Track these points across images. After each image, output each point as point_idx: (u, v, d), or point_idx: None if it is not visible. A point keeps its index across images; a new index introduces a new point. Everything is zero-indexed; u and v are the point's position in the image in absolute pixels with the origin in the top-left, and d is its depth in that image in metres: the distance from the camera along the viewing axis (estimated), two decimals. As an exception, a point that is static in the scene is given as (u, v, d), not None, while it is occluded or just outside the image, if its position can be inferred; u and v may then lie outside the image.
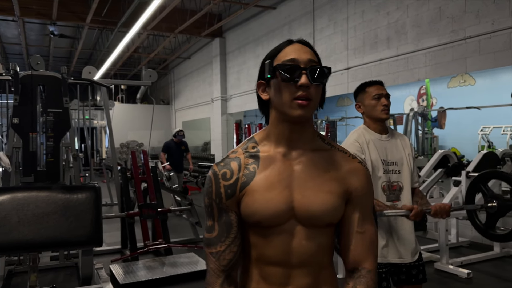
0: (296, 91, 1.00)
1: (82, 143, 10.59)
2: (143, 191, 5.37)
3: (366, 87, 2.19)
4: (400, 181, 2.13)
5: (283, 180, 1.04)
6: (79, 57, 15.40)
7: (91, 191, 2.40)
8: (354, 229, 1.08)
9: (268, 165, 1.05)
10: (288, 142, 1.06)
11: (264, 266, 1.06)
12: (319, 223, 1.04)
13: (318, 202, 1.03)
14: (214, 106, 12.90)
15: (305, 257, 1.04)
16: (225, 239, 1.05)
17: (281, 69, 1.01)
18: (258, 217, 1.02)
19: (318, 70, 1.02)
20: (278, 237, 1.03)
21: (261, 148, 1.08)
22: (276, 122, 1.07)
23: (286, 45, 1.08)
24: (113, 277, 3.94)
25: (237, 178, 1.05)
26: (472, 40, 5.42)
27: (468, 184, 4.59)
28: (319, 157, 1.07)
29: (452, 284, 3.96)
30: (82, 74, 5.04)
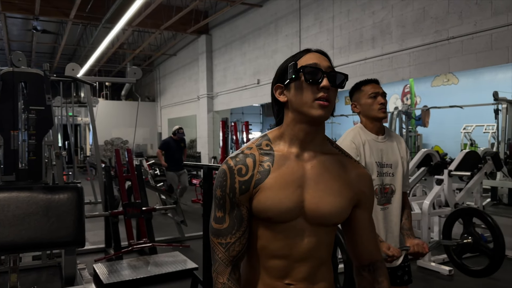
0: (318, 92, 1.07)
1: (66, 141, 10.45)
2: (128, 190, 5.33)
3: (361, 86, 2.12)
4: (393, 184, 2.09)
5: (296, 180, 1.09)
6: (63, 53, 15.17)
7: (73, 191, 2.37)
8: (368, 229, 1.18)
9: (282, 164, 1.10)
10: (301, 144, 1.12)
11: (266, 258, 1.11)
12: (325, 223, 1.11)
13: (327, 204, 1.09)
14: (200, 104, 12.85)
15: (307, 252, 1.10)
16: (235, 231, 1.10)
17: (306, 70, 1.08)
18: (270, 214, 1.07)
19: (336, 76, 1.10)
20: (283, 232, 1.09)
21: (274, 147, 1.13)
22: (293, 124, 1.12)
23: (306, 53, 1.14)
24: (96, 277, 3.91)
25: (252, 175, 1.09)
26: (455, 41, 5.50)
27: (449, 184, 4.67)
28: (329, 160, 1.14)
29: (434, 281, 4.03)
30: (65, 71, 4.97)
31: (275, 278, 1.11)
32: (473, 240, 2.39)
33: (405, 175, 2.15)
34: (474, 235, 2.41)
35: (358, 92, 2.13)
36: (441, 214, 4.85)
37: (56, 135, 4.62)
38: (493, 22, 5.04)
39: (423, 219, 4.50)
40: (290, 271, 1.10)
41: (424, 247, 2.04)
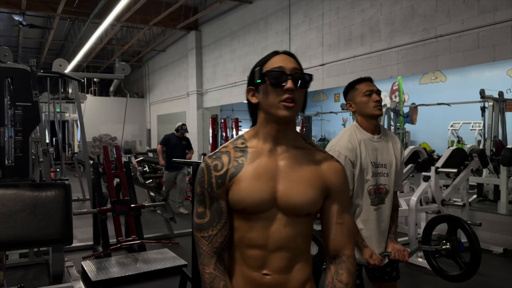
0: (283, 94, 1.13)
1: (53, 137, 10.34)
2: (116, 187, 5.30)
3: (355, 85, 2.11)
4: (387, 184, 2.08)
5: (268, 172, 1.15)
6: (50, 48, 14.98)
7: (61, 189, 2.35)
8: (334, 220, 1.22)
9: (255, 158, 1.17)
10: (274, 140, 1.19)
11: (245, 248, 1.16)
12: (298, 212, 1.15)
13: (299, 193, 1.14)
14: (189, 100, 12.80)
15: (282, 242, 1.15)
16: (216, 224, 1.16)
17: (270, 75, 1.15)
18: (244, 204, 1.13)
19: (301, 76, 1.16)
20: (259, 222, 1.14)
21: (249, 144, 1.20)
22: (265, 123, 1.19)
23: (273, 55, 1.20)
24: (85, 274, 3.88)
25: (227, 170, 1.16)
26: (443, 39, 5.55)
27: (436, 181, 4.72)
28: (301, 154, 1.20)
29: (421, 277, 4.08)
30: (53, 67, 4.91)
31: (252, 269, 1.16)
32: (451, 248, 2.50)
33: (398, 175, 2.14)
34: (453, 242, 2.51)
35: (352, 91, 2.12)
36: (428, 210, 4.91)
37: (43, 132, 4.57)
38: (480, 21, 5.10)
39: (410, 215, 4.55)
40: (267, 262, 1.15)
41: (405, 254, 2.06)
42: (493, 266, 4.39)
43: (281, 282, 1.16)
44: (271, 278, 1.15)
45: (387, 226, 2.13)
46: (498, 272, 4.20)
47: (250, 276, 1.16)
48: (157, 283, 3.89)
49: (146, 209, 5.83)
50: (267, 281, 1.15)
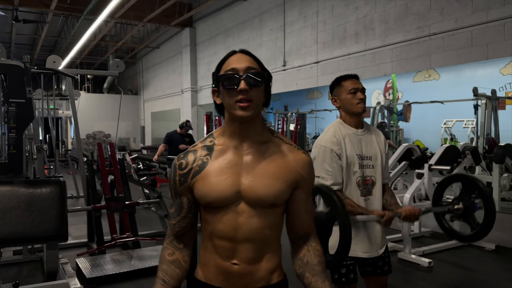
0: (237, 95, 1.17)
1: (47, 134, 10.28)
2: (110, 184, 5.28)
3: (342, 81, 2.16)
4: (373, 175, 2.15)
5: (233, 167, 1.21)
6: (43, 45, 14.88)
7: (56, 186, 2.34)
8: (303, 208, 1.29)
9: (220, 155, 1.23)
10: (240, 137, 1.23)
11: (216, 239, 1.23)
12: (263, 204, 1.20)
13: (262, 186, 1.19)
14: (184, 97, 12.77)
15: (250, 233, 1.20)
16: (177, 216, 1.28)
17: (223, 79, 1.20)
18: (208, 199, 1.20)
19: (255, 75, 1.19)
20: (226, 215, 1.20)
21: (217, 142, 1.26)
22: (230, 121, 1.24)
23: (229, 56, 1.24)
24: (79, 271, 3.87)
25: (190, 168, 1.24)
26: (437, 37, 5.58)
27: (429, 178, 4.76)
28: (267, 148, 1.25)
29: (414, 273, 4.12)
30: (47, 63, 4.89)
31: (223, 259, 1.22)
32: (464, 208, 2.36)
33: (384, 167, 2.21)
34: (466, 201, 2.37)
35: (338, 87, 2.17)
36: (421, 207, 4.93)
37: (37, 128, 4.55)
38: (473, 19, 5.13)
39: (404, 212, 4.57)
40: (236, 252, 1.21)
41: (415, 211, 2.09)
42: (486, 262, 4.44)
43: (249, 271, 1.22)
44: (239, 267, 1.21)
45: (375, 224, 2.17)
46: (490, 268, 4.25)
47: (221, 265, 1.23)
48: (152, 280, 3.84)
49: (141, 206, 5.81)
50: (235, 270, 1.21)
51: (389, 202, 2.20)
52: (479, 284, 3.85)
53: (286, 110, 13.13)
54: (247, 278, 1.23)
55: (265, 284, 1.25)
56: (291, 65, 8.43)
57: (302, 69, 8.10)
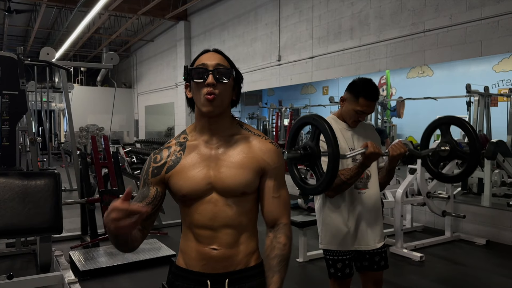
0: (205, 89, 1.25)
1: (40, 127, 10.21)
2: (104, 177, 5.27)
3: (360, 97, 2.10)
4: (368, 169, 2.14)
5: (203, 161, 1.30)
6: (36, 37, 14.73)
7: (51, 178, 2.34)
8: (271, 195, 1.35)
9: (192, 150, 1.32)
10: (209, 131, 1.32)
11: (195, 229, 1.31)
12: (234, 193, 1.28)
13: (232, 176, 1.27)
14: (178, 91, 12.73)
15: (226, 220, 1.29)
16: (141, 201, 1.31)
17: (193, 71, 1.28)
18: (183, 192, 1.28)
19: (222, 71, 1.27)
20: (202, 206, 1.29)
21: (189, 138, 1.35)
22: (199, 116, 1.33)
23: (202, 54, 1.33)
24: (73, 264, 3.88)
25: (164, 162, 1.33)
26: (431, 33, 5.61)
27: (421, 174, 4.79)
28: (236, 140, 1.33)
29: (405, 267, 4.16)
30: (40, 55, 4.85)
31: (203, 245, 1.30)
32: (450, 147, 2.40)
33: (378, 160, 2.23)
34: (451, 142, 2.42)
35: (353, 97, 2.13)
36: (413, 202, 5.00)
37: (30, 121, 4.52)
38: (467, 16, 5.16)
39: (396, 207, 4.63)
40: (215, 239, 1.29)
41: (402, 145, 2.09)
42: (476, 257, 4.50)
43: (228, 255, 1.30)
44: (219, 252, 1.29)
45: (373, 210, 2.19)
46: (481, 263, 4.31)
47: (201, 251, 1.30)
48: (146, 273, 3.90)
49: (134, 199, 5.80)
50: (215, 255, 1.29)
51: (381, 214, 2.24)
52: (469, 278, 3.91)
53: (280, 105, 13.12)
54: (227, 261, 1.30)
55: (243, 266, 1.32)
56: (286, 60, 8.43)
57: (297, 64, 8.10)
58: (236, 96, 1.35)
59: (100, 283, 3.65)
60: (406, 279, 3.89)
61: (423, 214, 5.70)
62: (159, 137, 14.89)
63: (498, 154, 5.39)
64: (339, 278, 2.18)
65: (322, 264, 2.19)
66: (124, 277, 3.80)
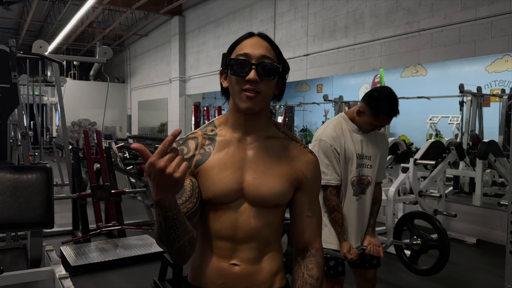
0: (245, 84, 1.07)
1: (32, 121, 10.12)
2: (96, 172, 5.24)
3: (381, 114, 2.04)
4: (370, 175, 2.14)
5: (236, 162, 1.12)
6: (29, 29, 14.58)
7: (42, 172, 2.32)
8: (304, 213, 1.19)
9: (223, 147, 1.13)
10: (244, 129, 1.14)
11: (212, 239, 1.13)
12: (266, 204, 1.12)
13: (267, 185, 1.11)
14: (172, 87, 12.67)
15: (251, 233, 1.12)
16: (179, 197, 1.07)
17: (234, 63, 1.10)
18: (209, 194, 1.10)
19: (268, 67, 1.08)
20: (226, 213, 1.11)
21: (218, 132, 1.16)
22: (234, 110, 1.15)
23: (245, 38, 1.13)
24: (63, 259, 3.86)
25: (193, 155, 1.13)
26: (426, 33, 5.62)
27: (414, 173, 4.82)
28: (272, 144, 1.16)
29: (396, 265, 4.18)
30: (33, 48, 4.80)
31: (221, 259, 1.12)
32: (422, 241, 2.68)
33: (381, 167, 2.21)
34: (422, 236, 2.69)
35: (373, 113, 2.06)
36: (405, 201, 5.03)
37: (22, 114, 4.48)
38: (461, 16, 5.18)
39: (388, 206, 4.65)
40: (236, 252, 1.12)
41: (380, 250, 2.13)
42: (467, 256, 4.54)
43: (250, 272, 1.13)
44: (240, 268, 1.12)
45: (367, 217, 2.20)
46: (471, 262, 4.35)
47: (219, 266, 1.13)
48: (138, 269, 3.89)
49: (127, 195, 5.79)
50: (236, 272, 1.12)
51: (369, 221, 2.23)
52: (460, 277, 3.94)
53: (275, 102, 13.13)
54: (248, 280, 1.13)
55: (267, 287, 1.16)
56: (280, 57, 8.42)
57: (291, 62, 8.09)
58: (279, 90, 1.17)
59: (91, 279, 3.63)
60: (397, 277, 3.91)
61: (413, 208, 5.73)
62: (152, 132, 14.83)
63: (490, 154, 5.44)
64: (332, 276, 2.18)
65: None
66: (115, 273, 3.79)
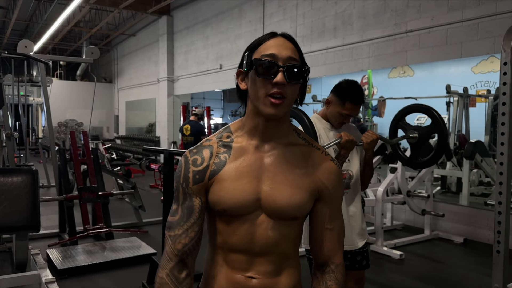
0: (271, 88, 1.00)
1: (17, 121, 9.96)
2: (83, 174, 5.18)
3: (346, 101, 2.11)
4: (349, 169, 2.19)
5: (253, 171, 1.04)
6: (14, 29, 14.35)
7: (28, 174, 2.27)
8: (324, 225, 1.12)
9: (240, 155, 1.06)
10: (262, 135, 1.07)
11: (228, 252, 1.07)
12: (284, 216, 1.05)
13: (285, 196, 1.04)
14: (160, 87, 12.59)
15: (268, 246, 1.05)
16: (184, 223, 1.05)
17: (259, 64, 1.01)
18: (224, 205, 1.03)
19: (296, 69, 1.02)
20: (243, 225, 1.04)
21: (235, 139, 1.09)
22: (252, 114, 1.07)
23: (269, 38, 1.06)
24: (50, 262, 3.80)
25: (207, 165, 1.05)
26: (413, 34, 5.67)
27: (402, 173, 4.85)
28: (292, 152, 1.08)
29: (385, 265, 4.21)
30: (18, 48, 4.72)
31: (236, 271, 1.06)
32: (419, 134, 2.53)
33: (361, 161, 2.24)
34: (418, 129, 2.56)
35: (339, 101, 2.14)
36: (394, 201, 5.06)
37: (6, 115, 4.40)
38: (448, 18, 5.23)
39: (377, 205, 4.67)
40: (252, 265, 1.06)
41: (372, 132, 2.15)
42: (454, 255, 4.58)
43: (268, 285, 1.07)
44: (258, 281, 1.06)
45: (355, 212, 2.21)
46: (459, 261, 4.39)
47: (235, 279, 1.06)
48: (126, 271, 3.85)
49: (114, 197, 5.73)
50: (253, 285, 1.06)
51: None
52: (448, 276, 3.98)
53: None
54: None
55: None
56: (269, 57, 8.41)
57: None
58: (301, 93, 1.09)
59: (79, 282, 3.58)
60: (386, 277, 3.93)
61: (403, 213, 5.78)
62: (140, 133, 14.72)
63: (476, 154, 5.50)
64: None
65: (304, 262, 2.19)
66: (103, 276, 3.74)
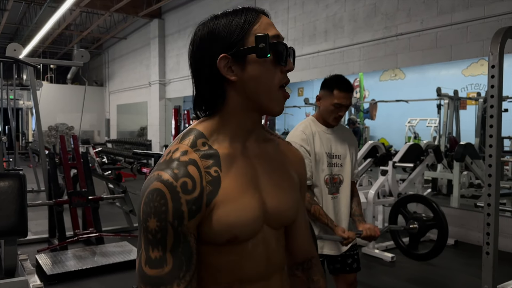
0: (283, 78, 0.83)
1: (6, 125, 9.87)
2: (73, 178, 5.14)
3: (334, 89, 2.10)
4: (341, 174, 2.19)
5: (250, 181, 0.85)
6: (3, 32, 14.23)
7: (15, 179, 2.24)
8: (302, 219, 1.00)
9: (230, 165, 0.82)
10: (245, 136, 0.87)
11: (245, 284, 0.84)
12: (287, 222, 0.92)
13: (285, 200, 0.89)
14: (151, 90, 12.54)
15: (278, 262, 0.90)
16: (184, 274, 0.75)
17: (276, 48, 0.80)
18: (236, 231, 0.79)
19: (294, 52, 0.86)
20: (256, 249, 0.84)
21: (213, 145, 0.83)
22: (242, 112, 0.84)
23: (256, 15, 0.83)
24: (39, 268, 3.75)
25: (201, 189, 0.77)
26: (403, 37, 5.71)
27: (393, 175, 4.87)
28: (270, 148, 0.93)
29: (377, 268, 4.22)
30: (7, 51, 4.68)
31: None
32: (418, 224, 2.55)
33: (353, 166, 2.25)
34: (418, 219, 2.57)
35: (328, 91, 2.14)
36: (385, 203, 5.07)
37: (-5, 119, 4.35)
38: (438, 21, 5.28)
39: (368, 208, 4.68)
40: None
41: (376, 230, 2.15)
42: (445, 257, 4.59)
43: None
44: None
45: (343, 215, 2.23)
46: (450, 263, 4.40)
47: None
48: (116, 276, 3.81)
49: (105, 201, 5.68)
50: None
51: (354, 210, 2.25)
52: (439, 278, 3.99)
53: None
54: None
55: None
56: (260, 60, 8.42)
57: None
58: None
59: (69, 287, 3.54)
60: (378, 280, 3.94)
61: (395, 215, 5.79)
62: (131, 137, 14.64)
63: (467, 156, 5.53)
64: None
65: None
66: (93, 281, 3.70)
